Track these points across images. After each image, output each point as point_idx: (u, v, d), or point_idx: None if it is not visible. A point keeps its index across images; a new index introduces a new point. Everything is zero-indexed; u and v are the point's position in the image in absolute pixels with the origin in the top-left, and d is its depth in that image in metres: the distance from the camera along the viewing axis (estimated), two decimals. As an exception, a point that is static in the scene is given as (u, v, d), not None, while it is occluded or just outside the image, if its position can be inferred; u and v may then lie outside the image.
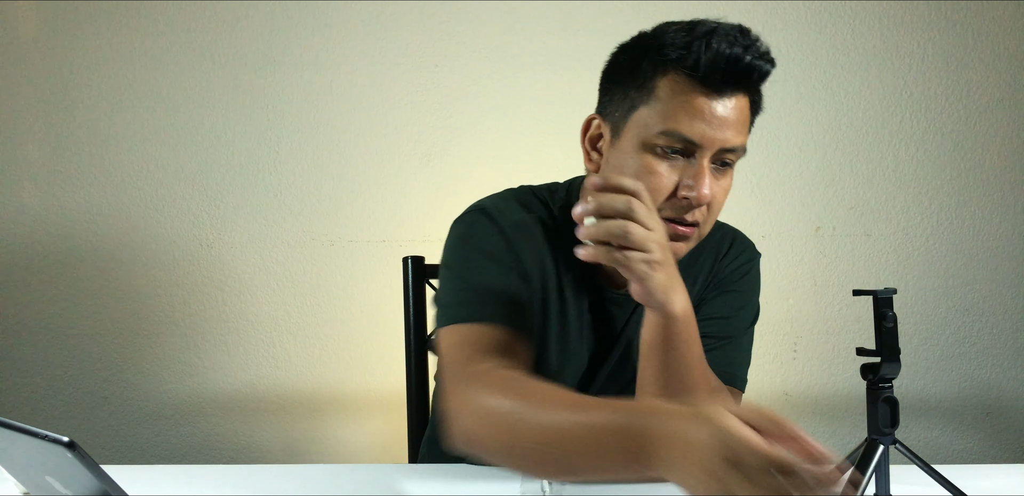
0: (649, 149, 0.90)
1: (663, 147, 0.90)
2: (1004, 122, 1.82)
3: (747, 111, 0.93)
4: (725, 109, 0.89)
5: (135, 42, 1.81)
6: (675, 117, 0.89)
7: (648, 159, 0.90)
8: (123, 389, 1.84)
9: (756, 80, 0.91)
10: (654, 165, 0.90)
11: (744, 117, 0.92)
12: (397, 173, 1.81)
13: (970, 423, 1.85)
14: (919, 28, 1.80)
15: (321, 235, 1.82)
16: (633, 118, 0.92)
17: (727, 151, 0.91)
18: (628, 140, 0.92)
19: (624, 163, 0.92)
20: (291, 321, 1.83)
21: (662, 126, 0.89)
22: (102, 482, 0.63)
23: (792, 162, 1.82)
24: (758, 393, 1.83)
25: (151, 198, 1.83)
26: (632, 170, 0.91)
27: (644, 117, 0.91)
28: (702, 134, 0.88)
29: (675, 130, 0.89)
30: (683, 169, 0.90)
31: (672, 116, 0.89)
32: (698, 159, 0.90)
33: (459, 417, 0.83)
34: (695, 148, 0.89)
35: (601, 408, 0.71)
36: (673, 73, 0.90)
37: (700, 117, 0.88)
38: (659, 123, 0.89)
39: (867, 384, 0.87)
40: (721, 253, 1.08)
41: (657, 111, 0.90)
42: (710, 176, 0.90)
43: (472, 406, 0.81)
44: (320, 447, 1.83)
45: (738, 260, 1.09)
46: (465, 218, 1.01)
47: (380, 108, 1.81)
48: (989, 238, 1.83)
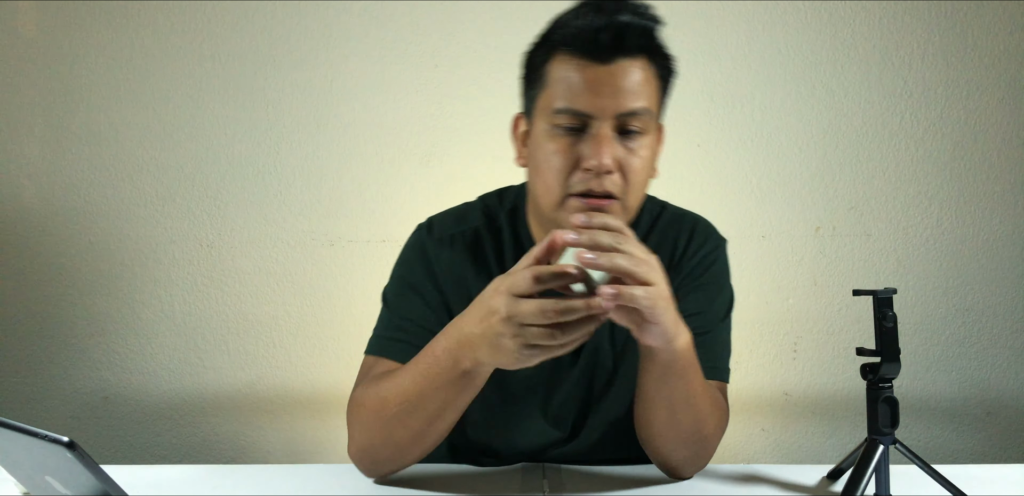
0: (552, 131, 0.91)
1: (562, 126, 0.91)
2: (1004, 122, 1.82)
3: (645, 74, 0.91)
4: (612, 76, 0.89)
5: (135, 41, 1.81)
6: (564, 94, 0.90)
7: (552, 140, 0.91)
8: (123, 389, 1.84)
9: (638, 40, 0.89)
10: (557, 144, 0.91)
11: (640, 80, 0.90)
12: (397, 173, 1.81)
13: (970, 423, 1.85)
14: (919, 28, 1.80)
15: (321, 235, 1.82)
16: (537, 106, 0.94)
17: (627, 116, 0.89)
18: (538, 128, 0.94)
19: (536, 151, 0.94)
20: (291, 321, 1.83)
21: (555, 105, 0.90)
22: (102, 482, 0.63)
23: (792, 162, 1.82)
24: (758, 393, 1.83)
25: (151, 198, 1.83)
26: (541, 155, 0.93)
27: (543, 102, 0.93)
28: (591, 104, 0.89)
29: (566, 106, 0.90)
30: (585, 142, 0.90)
31: (562, 94, 0.90)
32: (595, 128, 0.89)
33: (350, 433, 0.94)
34: (590, 119, 0.89)
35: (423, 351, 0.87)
36: (558, 54, 0.91)
37: (587, 88, 0.89)
38: (553, 103, 0.91)
39: (867, 384, 0.87)
40: (679, 249, 1.06)
41: (550, 93, 0.91)
42: (612, 144, 0.89)
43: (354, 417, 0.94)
44: (320, 447, 1.83)
45: (700, 253, 1.06)
46: (411, 236, 1.08)
47: (380, 108, 1.82)
48: (989, 238, 1.83)
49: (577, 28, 0.89)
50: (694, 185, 1.80)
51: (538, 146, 0.93)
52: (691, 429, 0.93)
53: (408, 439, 0.90)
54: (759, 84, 1.81)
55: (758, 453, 1.85)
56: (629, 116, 0.90)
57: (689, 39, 1.79)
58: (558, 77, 0.91)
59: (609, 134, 0.89)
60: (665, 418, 0.92)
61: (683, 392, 0.89)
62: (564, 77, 0.90)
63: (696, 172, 1.81)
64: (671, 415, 0.91)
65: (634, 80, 0.89)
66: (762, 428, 1.84)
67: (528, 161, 0.97)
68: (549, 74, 0.92)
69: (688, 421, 0.92)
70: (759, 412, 1.83)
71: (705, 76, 1.80)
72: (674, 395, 0.89)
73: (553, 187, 0.92)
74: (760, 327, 1.83)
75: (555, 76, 0.91)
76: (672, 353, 0.85)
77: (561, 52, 0.91)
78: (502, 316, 0.76)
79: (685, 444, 0.94)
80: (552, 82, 0.91)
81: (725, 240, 1.10)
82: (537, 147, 0.94)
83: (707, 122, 1.81)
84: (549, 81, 0.92)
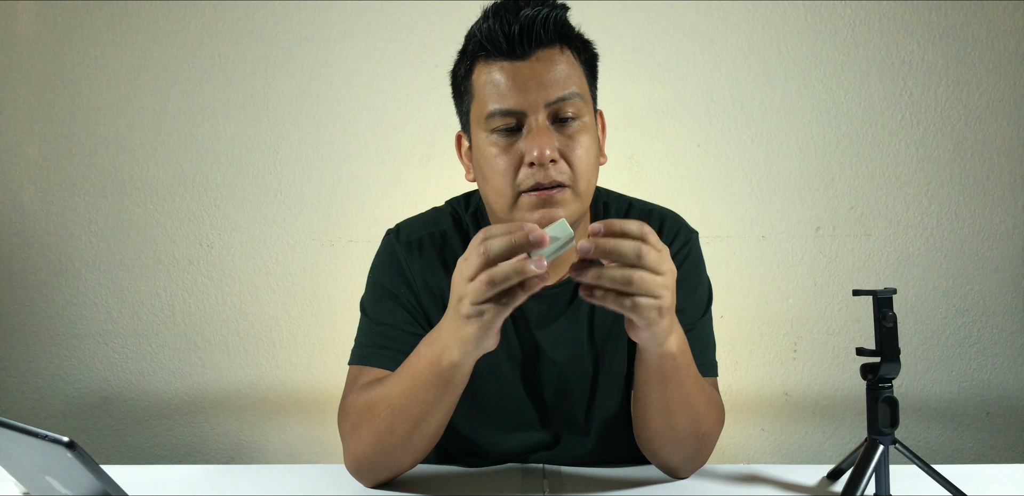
0: (491, 136, 0.92)
1: (497, 130, 0.91)
2: (1004, 122, 1.82)
3: (565, 59, 0.91)
4: (532, 69, 0.89)
5: (135, 42, 1.81)
6: (492, 97, 0.90)
7: (492, 145, 0.92)
8: (123, 389, 1.84)
9: (549, 30, 0.90)
10: (498, 147, 0.91)
11: (563, 68, 0.91)
12: (397, 173, 1.81)
13: (970, 423, 1.85)
14: (919, 28, 1.80)
15: (321, 235, 1.82)
16: (472, 118, 0.95)
17: (557, 104, 0.90)
18: (477, 138, 0.94)
19: (479, 159, 0.94)
20: (291, 321, 1.83)
21: (487, 110, 0.91)
22: (102, 482, 0.63)
23: (792, 162, 1.82)
24: (758, 393, 1.83)
25: (151, 198, 1.83)
26: (484, 161, 0.93)
27: (476, 112, 0.93)
28: (519, 100, 0.89)
29: (497, 108, 0.90)
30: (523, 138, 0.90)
31: (490, 98, 0.91)
32: (531, 123, 0.89)
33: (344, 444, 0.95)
34: (523, 116, 0.90)
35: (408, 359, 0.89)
36: (477, 63, 0.93)
37: (512, 86, 0.89)
38: (484, 109, 0.91)
39: (867, 384, 0.87)
40: None
41: (479, 101, 0.92)
42: (550, 133, 0.89)
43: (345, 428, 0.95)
44: (320, 447, 1.83)
45: (672, 248, 1.04)
46: (381, 242, 1.08)
47: (380, 108, 1.82)
48: (989, 238, 1.83)
49: (487, 33, 0.90)
50: (694, 185, 1.80)
51: (480, 154, 0.94)
52: (689, 428, 0.93)
53: (398, 445, 0.90)
54: (759, 84, 1.81)
55: (758, 453, 1.85)
56: (560, 103, 0.90)
57: (689, 39, 1.79)
58: (482, 83, 0.92)
59: (544, 124, 0.89)
60: (662, 418, 0.92)
61: (678, 392, 0.89)
62: (488, 81, 0.91)
63: (696, 172, 1.81)
64: (667, 415, 0.91)
65: (557, 69, 0.90)
66: (762, 428, 1.84)
67: (476, 173, 0.97)
68: (474, 83, 0.93)
69: (685, 420, 0.92)
70: (759, 412, 1.83)
71: (705, 76, 1.80)
72: (669, 395, 0.89)
73: (502, 188, 0.91)
74: (760, 327, 1.83)
75: (479, 83, 0.92)
76: (662, 355, 0.85)
77: (480, 60, 0.92)
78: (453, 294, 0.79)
79: (683, 443, 0.95)
80: (478, 90, 0.92)
81: (696, 232, 1.09)
82: (480, 156, 0.94)
83: (707, 122, 1.81)
84: (475, 90, 0.93)
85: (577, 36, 0.94)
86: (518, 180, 0.90)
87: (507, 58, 0.90)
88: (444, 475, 1.02)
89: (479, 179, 0.96)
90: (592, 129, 0.94)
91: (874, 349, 0.86)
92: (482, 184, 0.96)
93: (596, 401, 1.04)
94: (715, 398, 1.00)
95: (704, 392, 0.94)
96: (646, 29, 1.80)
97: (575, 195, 0.92)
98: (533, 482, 0.98)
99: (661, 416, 0.92)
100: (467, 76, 0.94)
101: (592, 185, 0.95)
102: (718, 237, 1.79)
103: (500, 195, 0.92)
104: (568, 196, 0.91)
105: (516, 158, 0.90)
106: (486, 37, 0.90)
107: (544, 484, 0.98)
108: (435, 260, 1.03)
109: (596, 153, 0.94)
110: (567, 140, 0.91)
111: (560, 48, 0.91)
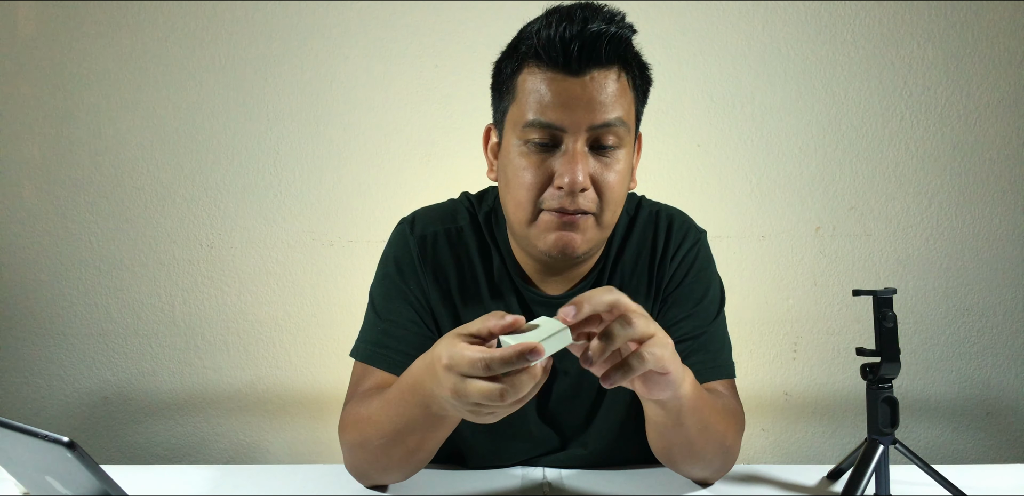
0: (524, 145, 0.88)
1: (534, 141, 0.87)
2: (1004, 122, 1.82)
3: (619, 85, 0.87)
4: (584, 88, 0.85)
5: (135, 42, 1.81)
6: (535, 107, 0.86)
7: (524, 156, 0.88)
8: (123, 389, 1.84)
9: (611, 50, 0.85)
10: (528, 160, 0.88)
11: (615, 92, 0.86)
12: (397, 173, 1.81)
13: (970, 423, 1.85)
14: (919, 28, 1.80)
15: (321, 235, 1.82)
16: (508, 119, 0.91)
17: (600, 129, 0.86)
18: (508, 142, 0.91)
19: (507, 165, 0.91)
20: (291, 321, 1.83)
21: (526, 119, 0.87)
22: (102, 482, 0.63)
23: (792, 162, 1.82)
24: (758, 393, 1.83)
25: (151, 198, 1.83)
26: (512, 171, 0.90)
27: (514, 115, 0.90)
28: (562, 117, 0.85)
29: (537, 119, 0.86)
30: (557, 158, 0.87)
31: (532, 107, 0.86)
32: (568, 144, 0.86)
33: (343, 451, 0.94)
34: (562, 134, 0.86)
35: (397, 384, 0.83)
36: (527, 66, 0.88)
37: (558, 101, 0.85)
38: (523, 117, 0.87)
39: (867, 384, 0.87)
40: (659, 251, 1.02)
41: (521, 106, 0.88)
42: (586, 160, 0.86)
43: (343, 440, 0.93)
44: (320, 447, 1.83)
45: (680, 252, 1.02)
46: (394, 231, 1.05)
47: (380, 108, 1.82)
48: (989, 238, 1.83)
49: (546, 39, 0.84)
50: (694, 185, 1.80)
51: (509, 161, 0.90)
52: (713, 450, 0.91)
53: (394, 465, 0.89)
54: (759, 84, 1.81)
55: (758, 453, 1.85)
56: (603, 129, 0.86)
57: (689, 39, 1.79)
58: (528, 90, 0.87)
59: (583, 150, 0.86)
60: (685, 449, 0.90)
61: (696, 425, 0.85)
62: (534, 90, 0.86)
63: (696, 172, 1.81)
64: (690, 446, 0.89)
65: (608, 92, 0.85)
66: (762, 428, 1.84)
67: (499, 175, 0.95)
68: (519, 86, 0.89)
69: (708, 445, 0.89)
70: (759, 412, 1.83)
71: (705, 76, 1.80)
72: (688, 430, 0.85)
73: (524, 203, 0.89)
74: (760, 327, 1.83)
75: (525, 89, 0.87)
76: (679, 398, 0.80)
77: (530, 64, 0.87)
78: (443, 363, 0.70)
79: (711, 462, 0.93)
80: (522, 95, 0.88)
81: (704, 231, 1.07)
82: (508, 162, 0.91)
83: (707, 122, 1.81)
84: (519, 93, 0.88)
85: (636, 60, 0.90)
86: (542, 198, 0.88)
87: (560, 70, 0.85)
88: (444, 475, 1.02)
89: (502, 184, 0.94)
90: (629, 158, 0.91)
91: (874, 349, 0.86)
92: (504, 190, 0.93)
93: (603, 409, 1.03)
94: (731, 407, 0.96)
95: (720, 411, 0.90)
96: (646, 29, 1.78)
97: (598, 224, 0.89)
98: (533, 483, 0.98)
99: (684, 449, 0.89)
100: (513, 76, 0.90)
101: (617, 215, 0.92)
102: (718, 237, 1.79)
103: (520, 208, 0.90)
104: (591, 223, 0.89)
105: (546, 176, 0.87)
106: (543, 45, 0.84)
107: (545, 485, 0.98)
108: (448, 257, 1.01)
109: (627, 182, 0.92)
110: (602, 168, 0.88)
111: (617, 71, 0.87)
